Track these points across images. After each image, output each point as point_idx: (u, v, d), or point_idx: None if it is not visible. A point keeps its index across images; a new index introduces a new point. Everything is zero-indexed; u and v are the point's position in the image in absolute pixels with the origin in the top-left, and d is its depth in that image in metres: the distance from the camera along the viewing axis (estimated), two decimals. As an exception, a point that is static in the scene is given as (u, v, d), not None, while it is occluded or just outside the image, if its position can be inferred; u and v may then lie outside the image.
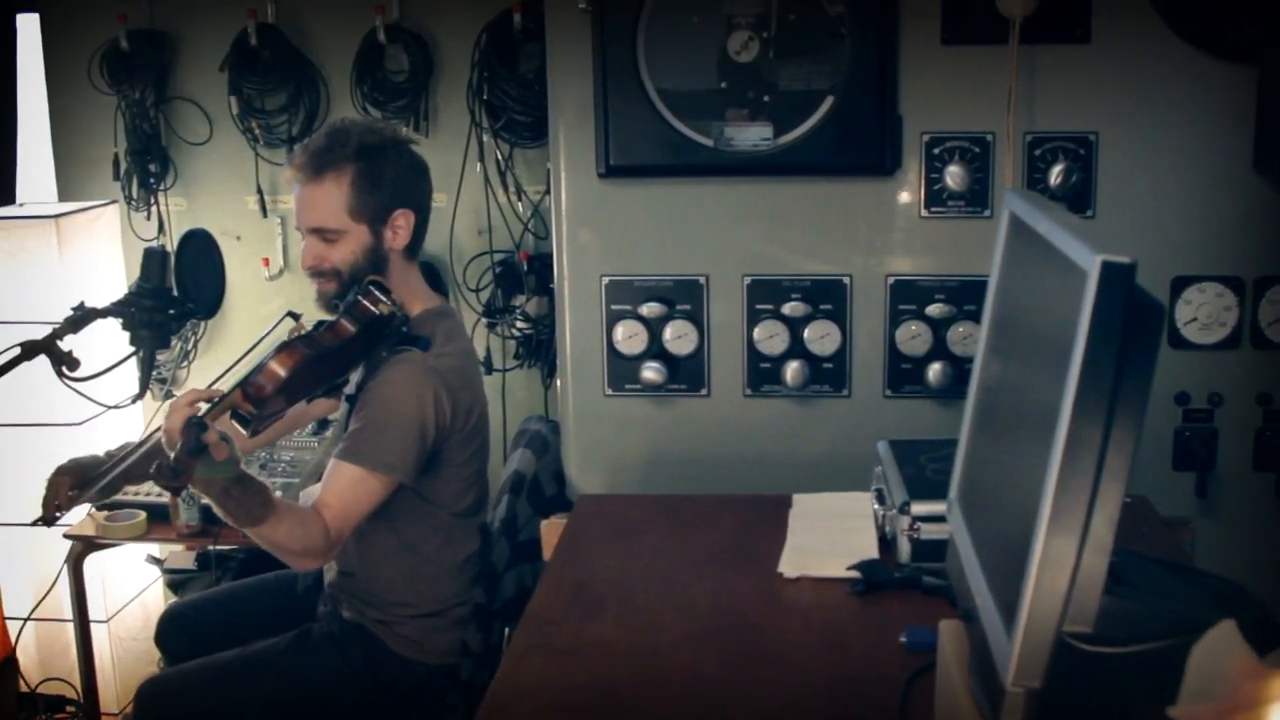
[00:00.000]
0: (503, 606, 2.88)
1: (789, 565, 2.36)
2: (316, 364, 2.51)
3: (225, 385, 2.56)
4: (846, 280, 2.89)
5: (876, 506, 2.52)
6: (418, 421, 2.69)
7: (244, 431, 2.46)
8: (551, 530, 2.75)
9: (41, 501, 2.80)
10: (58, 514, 2.79)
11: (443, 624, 2.86)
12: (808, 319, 2.88)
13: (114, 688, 4.26)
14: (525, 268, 4.13)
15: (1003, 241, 1.76)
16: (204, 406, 2.40)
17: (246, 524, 2.52)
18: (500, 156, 4.15)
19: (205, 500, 2.52)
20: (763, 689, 1.98)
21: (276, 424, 3.02)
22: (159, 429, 2.54)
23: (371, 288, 2.66)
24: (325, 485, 2.68)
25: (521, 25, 3.97)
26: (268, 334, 2.65)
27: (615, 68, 2.82)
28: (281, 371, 2.45)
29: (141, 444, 2.74)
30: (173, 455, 2.28)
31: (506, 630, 2.89)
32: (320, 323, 2.62)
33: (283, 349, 2.48)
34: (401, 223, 2.78)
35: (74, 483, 2.78)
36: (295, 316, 2.71)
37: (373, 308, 2.63)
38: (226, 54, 4.23)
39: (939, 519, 2.26)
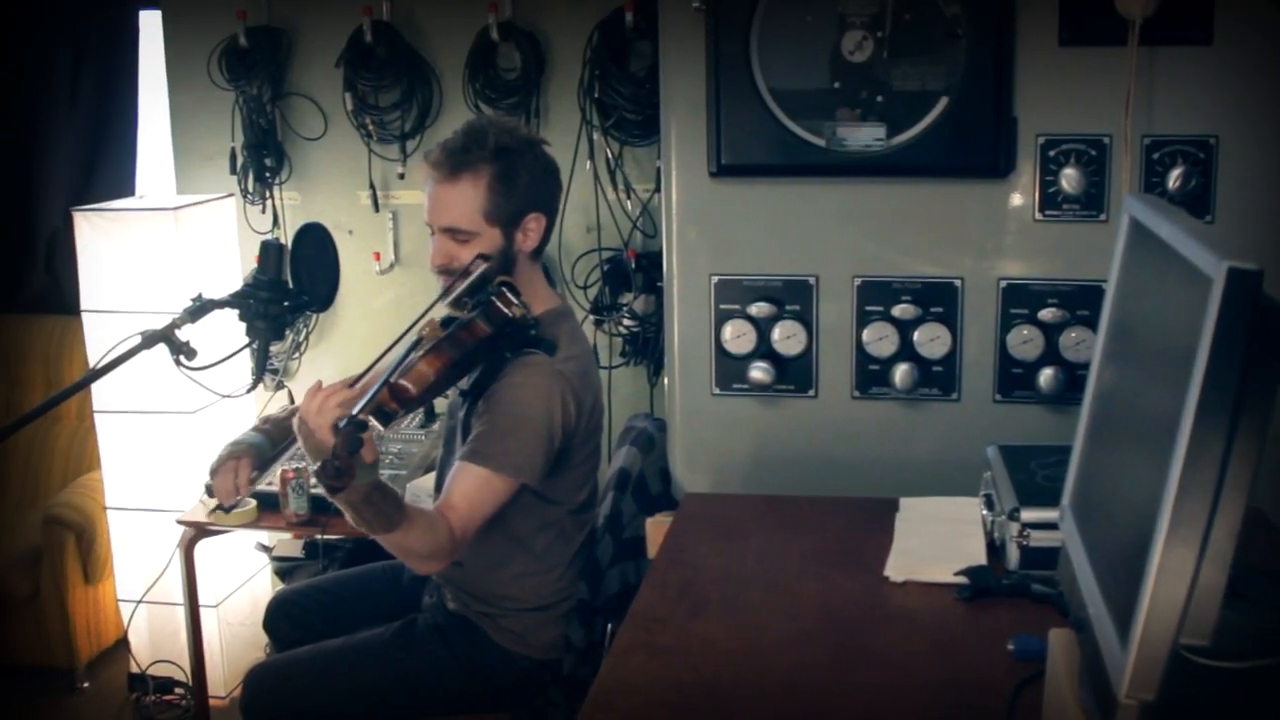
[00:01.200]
0: (606, 602, 2.89)
1: (895, 569, 2.35)
2: (455, 364, 2.53)
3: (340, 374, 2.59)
4: (958, 283, 2.86)
5: (985, 512, 2.50)
6: (545, 425, 2.70)
7: (383, 429, 2.46)
8: (657, 528, 2.76)
9: (218, 489, 2.82)
10: (239, 498, 2.81)
11: (547, 619, 2.88)
12: (918, 321, 2.86)
13: (221, 671, 4.34)
14: (633, 265, 4.14)
15: (1122, 246, 1.73)
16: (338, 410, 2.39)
17: (381, 529, 2.51)
18: (610, 154, 4.17)
19: (344, 510, 2.50)
20: (867, 692, 1.96)
21: None
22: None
23: (504, 289, 2.67)
24: (450, 487, 2.69)
25: (633, 23, 3.98)
26: (422, 317, 2.65)
27: (728, 66, 2.82)
28: (430, 372, 2.46)
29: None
30: (333, 457, 2.24)
31: (609, 626, 2.90)
32: (449, 320, 2.63)
33: (430, 350, 2.49)
34: (533, 226, 2.80)
35: (254, 464, 2.81)
36: (505, 284, 2.71)
37: (506, 310, 2.63)
38: (342, 51, 4.29)
39: (1049, 526, 2.24)
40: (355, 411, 2.33)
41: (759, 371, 2.89)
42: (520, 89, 4.21)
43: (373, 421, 2.41)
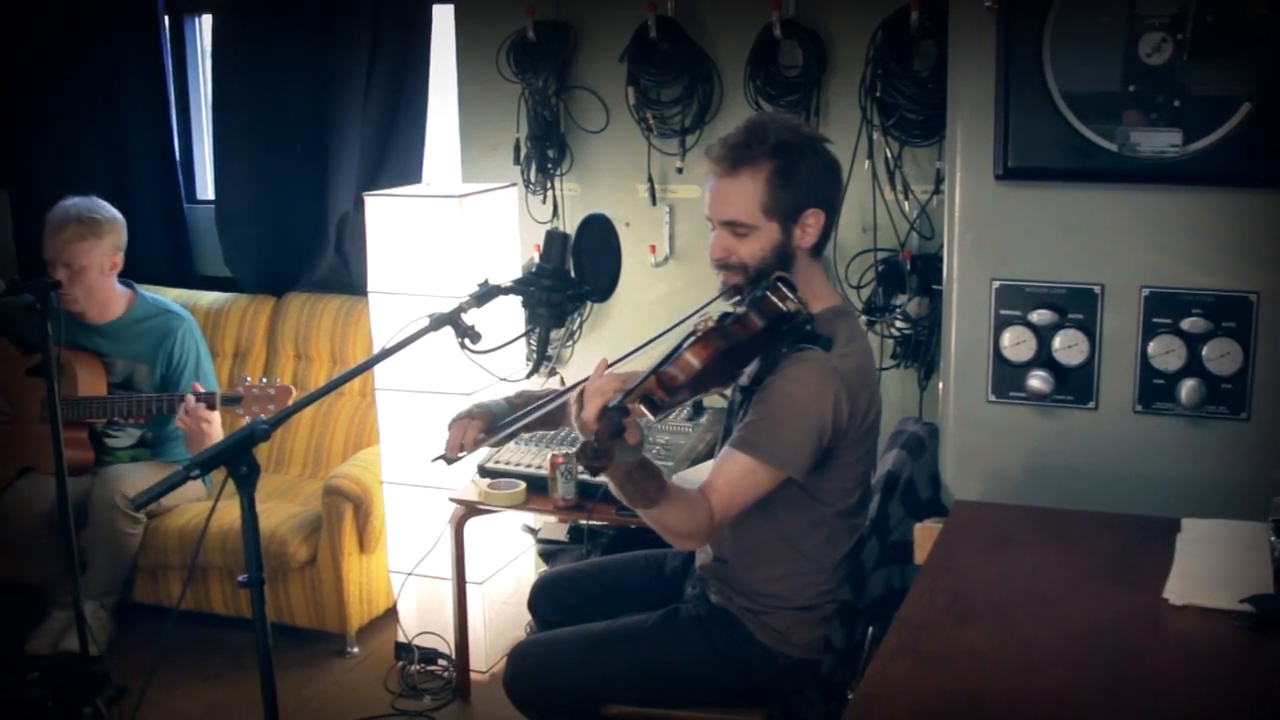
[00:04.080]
0: (868, 605, 2.87)
1: (1175, 592, 2.26)
2: (725, 356, 2.56)
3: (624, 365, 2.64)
4: (1252, 298, 2.73)
5: (1273, 538, 2.39)
6: (816, 420, 2.72)
7: (652, 417, 2.52)
8: (925, 534, 2.72)
9: (447, 442, 2.94)
10: (461, 454, 2.94)
11: (810, 618, 2.87)
12: (1207, 336, 2.74)
13: (483, 646, 4.46)
14: (908, 267, 4.10)
15: None
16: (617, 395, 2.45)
17: (641, 505, 2.61)
18: (889, 154, 4.14)
19: (609, 484, 2.60)
20: (1140, 717, 1.90)
21: None
22: (568, 389, 2.63)
23: (780, 284, 2.68)
24: (716, 470, 2.74)
25: (918, 22, 3.93)
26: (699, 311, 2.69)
27: (1019, 67, 2.75)
28: (696, 362, 2.50)
29: (544, 400, 2.84)
30: (594, 438, 2.36)
31: (870, 629, 2.87)
32: (725, 315, 2.66)
33: (697, 340, 2.52)
34: (811, 222, 2.81)
35: (484, 427, 2.94)
36: (781, 279, 2.69)
37: (780, 304, 2.65)
38: (626, 46, 4.36)
39: (1344, 557, 2.14)
40: (620, 399, 2.41)
41: (1037, 380, 2.82)
42: (801, 86, 4.21)
43: (642, 409, 2.46)
